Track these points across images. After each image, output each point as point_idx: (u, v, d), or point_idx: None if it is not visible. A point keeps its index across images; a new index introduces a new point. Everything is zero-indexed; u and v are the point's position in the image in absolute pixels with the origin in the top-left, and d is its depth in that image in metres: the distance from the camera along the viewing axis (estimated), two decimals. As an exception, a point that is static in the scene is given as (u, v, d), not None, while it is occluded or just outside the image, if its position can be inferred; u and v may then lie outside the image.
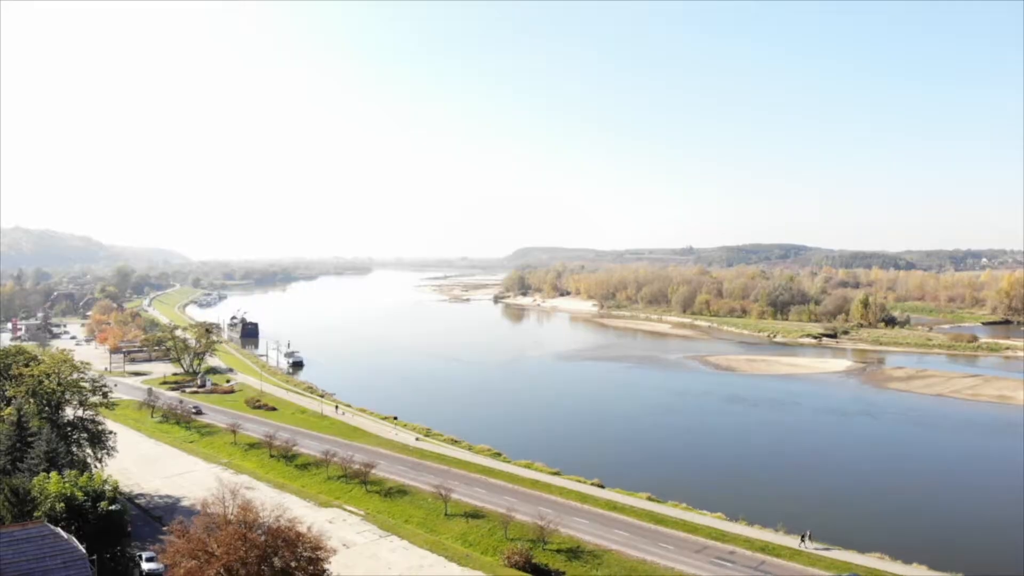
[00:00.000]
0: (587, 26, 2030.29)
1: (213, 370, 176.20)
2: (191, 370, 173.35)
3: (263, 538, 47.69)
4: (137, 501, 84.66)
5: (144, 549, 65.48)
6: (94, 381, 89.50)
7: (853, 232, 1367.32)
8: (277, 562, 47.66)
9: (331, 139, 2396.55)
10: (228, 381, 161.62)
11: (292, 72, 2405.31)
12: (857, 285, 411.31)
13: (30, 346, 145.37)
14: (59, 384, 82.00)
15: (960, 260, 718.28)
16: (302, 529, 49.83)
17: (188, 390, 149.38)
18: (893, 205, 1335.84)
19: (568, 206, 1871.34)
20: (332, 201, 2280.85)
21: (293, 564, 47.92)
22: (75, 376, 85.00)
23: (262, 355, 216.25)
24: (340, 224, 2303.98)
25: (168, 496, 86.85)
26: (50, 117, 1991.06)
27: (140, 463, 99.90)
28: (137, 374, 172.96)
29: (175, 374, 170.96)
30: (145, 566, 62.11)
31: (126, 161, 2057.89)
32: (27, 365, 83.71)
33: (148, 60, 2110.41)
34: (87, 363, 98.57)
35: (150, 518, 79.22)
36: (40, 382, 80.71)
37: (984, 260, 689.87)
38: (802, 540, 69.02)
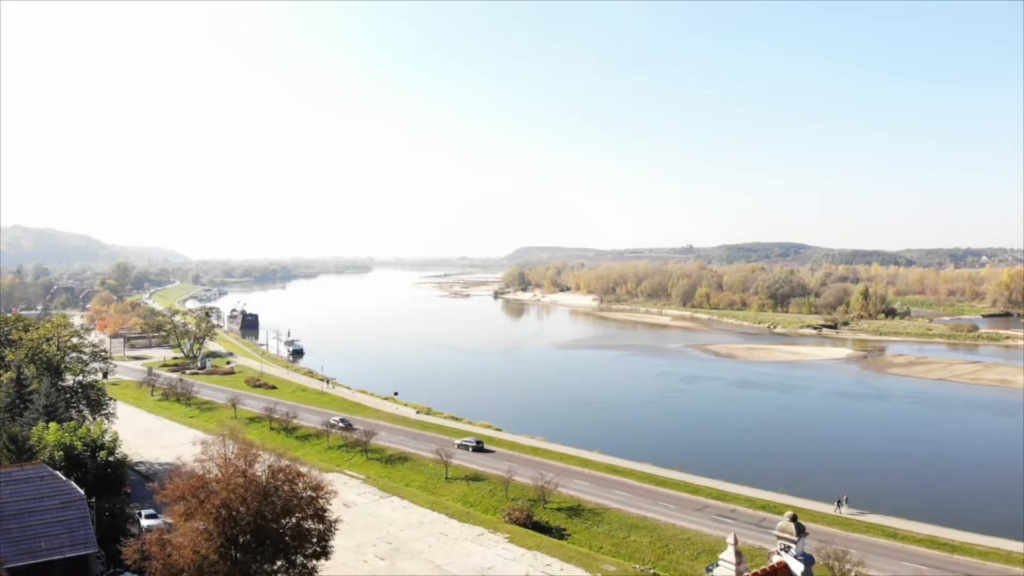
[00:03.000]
0: (587, 26, 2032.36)
1: (213, 354, 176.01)
2: (191, 354, 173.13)
3: (264, 475, 47.49)
4: (137, 468, 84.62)
5: (144, 508, 65.62)
6: (94, 347, 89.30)
7: (853, 231, 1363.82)
8: (278, 502, 47.46)
9: (331, 139, 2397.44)
10: (228, 363, 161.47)
11: (292, 72, 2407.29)
12: (857, 281, 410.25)
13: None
14: (58, 349, 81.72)
15: (960, 258, 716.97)
16: (303, 470, 49.63)
17: (188, 372, 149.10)
18: (893, 204, 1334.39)
19: (568, 206, 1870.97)
20: (332, 201, 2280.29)
21: (294, 502, 47.69)
22: (75, 341, 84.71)
23: (262, 344, 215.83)
24: (340, 224, 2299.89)
25: (168, 464, 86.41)
26: (50, 116, 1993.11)
27: (140, 435, 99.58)
28: (137, 358, 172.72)
29: (175, 358, 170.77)
30: (144, 523, 62.08)
31: (126, 160, 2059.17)
32: (26, 330, 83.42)
33: (148, 60, 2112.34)
34: (87, 328, 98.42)
35: (150, 483, 79.09)
36: (39, 347, 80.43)
37: (984, 258, 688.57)
38: (838, 505, 68.52)
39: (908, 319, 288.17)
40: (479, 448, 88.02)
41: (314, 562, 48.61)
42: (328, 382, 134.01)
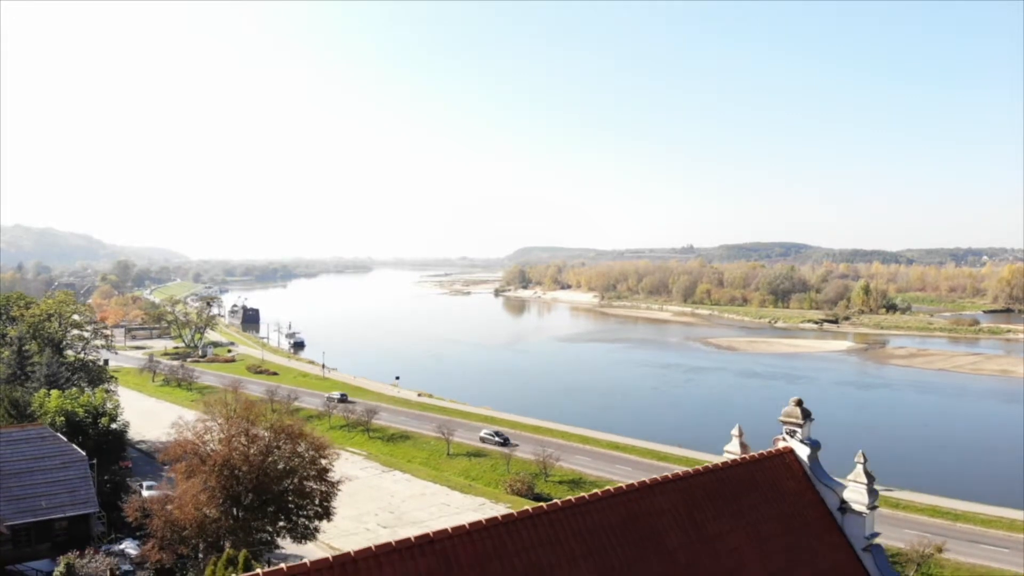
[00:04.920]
0: (587, 26, 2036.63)
1: (214, 344, 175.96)
2: (192, 344, 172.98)
3: (267, 435, 47.48)
4: (139, 447, 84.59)
5: (145, 480, 65.62)
6: (95, 323, 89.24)
7: (853, 232, 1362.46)
8: (280, 461, 47.41)
9: (331, 139, 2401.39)
10: (229, 352, 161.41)
11: (292, 72, 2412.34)
12: (857, 278, 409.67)
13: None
14: (60, 325, 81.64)
15: (961, 258, 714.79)
16: (305, 431, 49.61)
17: (190, 360, 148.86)
18: (893, 205, 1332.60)
19: (568, 206, 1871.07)
20: (332, 201, 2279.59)
21: (296, 462, 47.63)
22: (76, 318, 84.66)
23: (263, 337, 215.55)
24: (340, 224, 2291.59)
25: (169, 442, 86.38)
26: (51, 116, 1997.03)
27: (141, 416, 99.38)
28: (138, 348, 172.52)
29: (175, 348, 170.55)
30: (146, 493, 61.97)
31: (127, 160, 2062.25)
32: (27, 307, 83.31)
33: (149, 59, 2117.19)
34: (89, 306, 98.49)
35: (151, 459, 79.09)
36: (41, 323, 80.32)
37: (984, 258, 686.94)
38: None
39: (909, 314, 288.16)
40: (343, 399, 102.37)
41: (316, 523, 48.61)
42: (324, 367, 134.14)
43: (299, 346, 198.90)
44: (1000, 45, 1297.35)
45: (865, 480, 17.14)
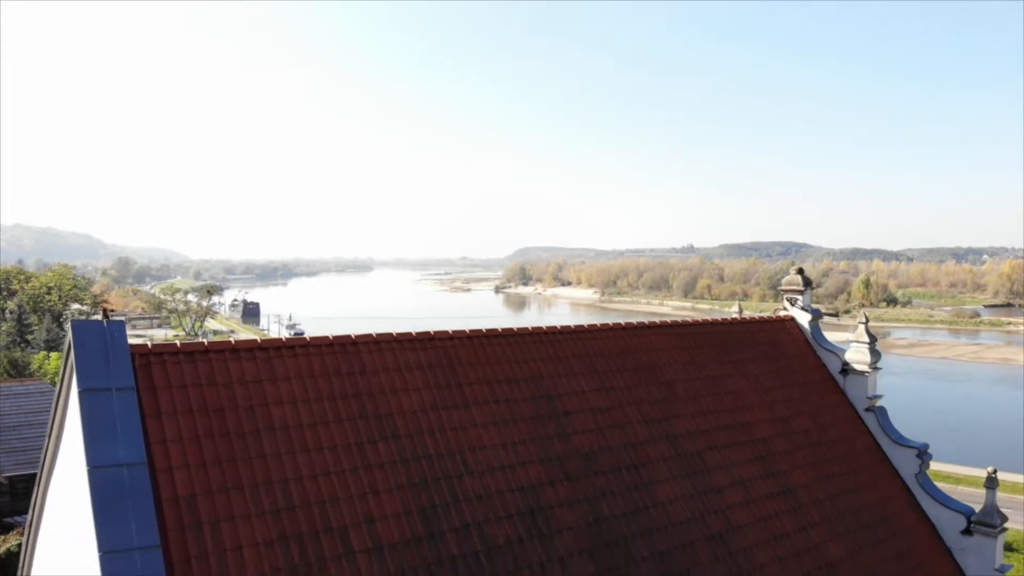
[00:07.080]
0: (587, 26, 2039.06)
1: (214, 332, 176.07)
2: (192, 333, 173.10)
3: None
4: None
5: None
6: (95, 297, 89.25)
7: (853, 231, 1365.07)
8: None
9: (331, 138, 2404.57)
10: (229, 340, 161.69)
11: (292, 72, 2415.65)
12: (858, 275, 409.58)
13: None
14: (60, 298, 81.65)
15: (961, 256, 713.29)
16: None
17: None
18: (894, 204, 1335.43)
19: (568, 206, 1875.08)
20: (333, 200, 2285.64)
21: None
22: (75, 291, 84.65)
23: (263, 329, 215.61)
24: (341, 223, 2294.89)
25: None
26: (51, 114, 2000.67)
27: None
28: (138, 336, 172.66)
29: (175, 336, 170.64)
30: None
31: (128, 159, 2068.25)
32: (27, 281, 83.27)
33: (149, 59, 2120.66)
34: (89, 279, 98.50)
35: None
36: (41, 296, 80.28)
37: (985, 256, 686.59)
38: None
39: (910, 308, 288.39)
40: None
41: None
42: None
43: (299, 337, 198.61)
44: (1000, 45, 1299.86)
45: (867, 339, 17.12)
